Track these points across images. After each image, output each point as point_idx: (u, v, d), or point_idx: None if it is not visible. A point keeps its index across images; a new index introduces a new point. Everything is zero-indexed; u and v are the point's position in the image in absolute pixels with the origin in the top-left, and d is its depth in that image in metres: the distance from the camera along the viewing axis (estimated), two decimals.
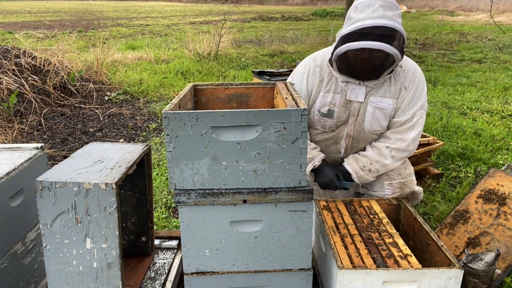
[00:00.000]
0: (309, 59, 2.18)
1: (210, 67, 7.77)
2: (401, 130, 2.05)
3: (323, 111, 2.10)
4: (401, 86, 2.02)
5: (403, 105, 2.03)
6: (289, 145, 1.44)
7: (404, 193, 2.14)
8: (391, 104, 2.03)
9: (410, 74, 2.03)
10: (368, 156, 2.06)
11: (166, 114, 1.40)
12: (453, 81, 6.58)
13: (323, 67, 2.10)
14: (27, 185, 1.69)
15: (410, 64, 2.06)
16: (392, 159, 2.05)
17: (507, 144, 3.83)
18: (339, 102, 2.06)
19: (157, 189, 3.09)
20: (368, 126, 2.07)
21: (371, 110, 2.04)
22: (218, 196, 1.48)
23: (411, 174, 2.16)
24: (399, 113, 2.04)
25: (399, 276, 1.50)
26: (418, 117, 2.04)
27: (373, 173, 2.07)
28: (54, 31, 9.87)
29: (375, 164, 2.05)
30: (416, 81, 2.03)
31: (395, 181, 2.11)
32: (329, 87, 2.08)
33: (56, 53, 5.87)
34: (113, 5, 35.18)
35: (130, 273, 1.82)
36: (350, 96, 2.04)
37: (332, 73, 2.07)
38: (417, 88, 2.03)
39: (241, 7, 25.47)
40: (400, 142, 2.04)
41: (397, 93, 2.03)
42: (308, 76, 2.12)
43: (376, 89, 2.03)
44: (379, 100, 2.03)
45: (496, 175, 2.11)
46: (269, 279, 1.60)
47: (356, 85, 2.02)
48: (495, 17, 12.84)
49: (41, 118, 4.59)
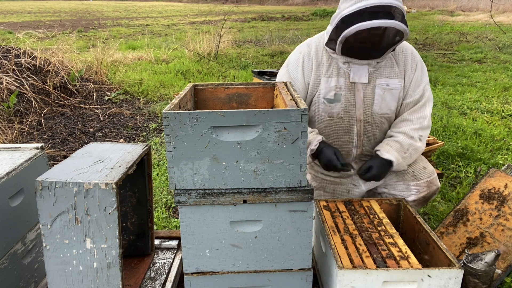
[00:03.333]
0: (302, 45, 2.14)
1: (210, 67, 7.77)
2: (417, 109, 2.06)
3: (329, 96, 2.05)
4: (405, 65, 2.05)
5: (412, 84, 2.05)
6: (289, 145, 1.44)
7: (431, 191, 2.13)
8: (398, 84, 2.03)
9: (409, 53, 2.07)
10: (400, 141, 2.02)
11: (166, 114, 1.40)
12: (453, 81, 6.58)
13: (319, 52, 2.07)
14: (27, 185, 1.69)
15: (407, 45, 2.10)
16: (421, 141, 2.04)
17: (507, 144, 3.83)
18: (344, 84, 2.03)
19: (157, 189, 3.09)
20: (377, 109, 2.05)
21: (381, 93, 2.03)
22: (218, 196, 1.48)
23: (433, 171, 2.16)
24: (411, 92, 2.06)
25: (399, 276, 1.50)
26: (428, 92, 2.08)
27: (408, 160, 2.04)
28: (54, 31, 9.86)
29: (410, 149, 2.02)
30: (417, 59, 2.09)
31: (422, 181, 2.10)
32: (331, 71, 2.04)
33: (56, 53, 5.87)
34: (113, 5, 35.18)
35: (130, 273, 1.82)
36: (354, 78, 2.01)
37: (331, 56, 2.04)
38: (420, 65, 2.08)
39: (241, 7, 25.46)
40: (422, 120, 2.04)
41: (402, 73, 2.05)
42: (304, 62, 2.08)
43: (380, 70, 2.03)
44: (387, 81, 2.03)
45: (496, 175, 2.11)
46: (269, 279, 1.60)
47: (359, 66, 2.00)
48: (495, 17, 12.85)
49: (41, 118, 4.59)
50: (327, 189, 2.28)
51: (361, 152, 2.17)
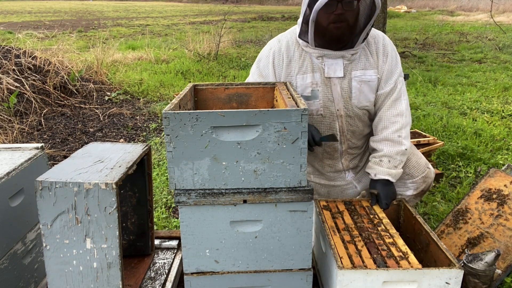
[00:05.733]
0: (273, 41, 2.07)
1: (210, 67, 7.77)
2: (391, 104, 1.99)
3: (306, 94, 1.98)
4: (377, 55, 1.99)
5: (384, 75, 1.99)
6: (289, 145, 1.44)
7: (427, 184, 2.14)
8: (373, 75, 1.98)
9: (381, 43, 2.00)
10: (386, 154, 1.97)
11: (166, 114, 1.40)
12: (453, 81, 6.58)
13: (290, 48, 2.00)
14: (27, 185, 1.69)
15: (378, 34, 2.03)
16: (406, 140, 1.98)
17: (507, 144, 3.83)
18: (321, 80, 1.97)
19: (157, 189, 3.09)
20: (356, 102, 1.99)
21: (357, 85, 1.97)
22: (218, 196, 1.48)
23: (426, 163, 2.14)
24: (382, 84, 1.99)
25: (399, 276, 1.50)
26: (401, 84, 2.01)
27: (401, 165, 1.99)
28: (54, 31, 9.87)
29: (397, 157, 1.96)
30: (389, 49, 2.01)
31: (417, 177, 2.10)
32: (305, 67, 1.97)
33: (56, 53, 5.87)
34: (113, 5, 35.18)
35: (130, 273, 1.82)
36: (329, 72, 1.95)
37: (304, 51, 1.98)
38: (392, 55, 2.00)
39: (241, 7, 25.45)
40: (400, 117, 1.98)
41: (376, 63, 1.98)
42: (274, 58, 2.01)
43: (354, 62, 1.97)
44: (362, 73, 1.97)
45: (496, 175, 2.11)
46: (269, 279, 1.60)
47: (333, 60, 1.94)
48: (495, 17, 12.84)
49: (41, 118, 4.59)
50: (321, 192, 2.26)
51: (348, 146, 2.12)
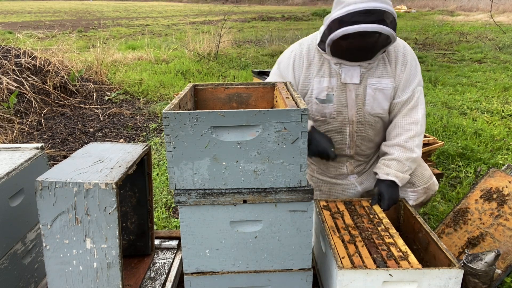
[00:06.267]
0: (295, 45, 2.14)
1: (210, 67, 7.77)
2: (407, 112, 2.02)
3: (321, 97, 2.04)
4: (396, 65, 2.01)
5: (402, 84, 2.01)
6: (289, 145, 1.44)
7: (428, 197, 2.13)
8: (389, 84, 2.01)
9: (401, 52, 2.02)
10: (397, 158, 1.98)
11: (166, 114, 1.40)
12: (453, 81, 6.58)
13: (310, 52, 2.06)
14: (27, 185, 1.69)
15: (399, 42, 2.05)
16: (417, 148, 2.00)
17: (507, 144, 3.83)
18: (336, 85, 2.02)
19: (157, 189, 3.09)
20: (369, 109, 2.03)
21: (372, 93, 2.01)
22: (218, 196, 1.48)
23: (431, 175, 2.14)
24: (399, 93, 2.02)
25: (399, 276, 1.50)
26: (419, 93, 2.02)
27: (409, 172, 2.01)
28: (54, 31, 9.86)
29: (407, 163, 1.98)
30: (409, 58, 2.02)
31: (419, 188, 2.09)
32: (323, 71, 2.03)
33: (56, 53, 5.87)
34: (113, 5, 35.17)
35: (130, 273, 1.82)
36: (345, 78, 2.00)
37: (324, 57, 2.03)
38: (411, 65, 2.02)
39: (241, 7, 25.45)
40: (414, 125, 2.00)
41: (394, 72, 2.01)
42: (295, 61, 2.08)
43: (371, 70, 2.00)
44: (378, 81, 2.00)
45: (496, 175, 2.11)
46: (269, 279, 1.60)
47: (350, 67, 1.99)
48: (495, 17, 12.85)
49: (41, 118, 4.59)
50: (323, 189, 2.28)
51: (355, 152, 2.16)
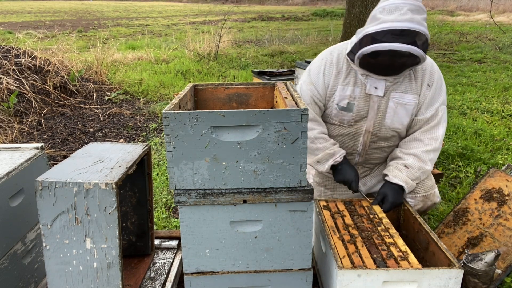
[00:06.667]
0: (325, 52, 2.18)
1: (210, 67, 7.77)
2: (429, 129, 2.04)
3: (342, 104, 2.07)
4: (422, 82, 2.03)
5: (426, 101, 2.03)
6: (289, 145, 1.44)
7: (425, 206, 2.14)
8: (412, 100, 2.02)
9: (428, 70, 2.04)
10: (410, 165, 2.01)
11: (166, 114, 1.40)
12: (453, 81, 6.58)
13: (340, 60, 2.09)
14: (27, 185, 1.69)
15: (427, 60, 2.06)
16: (431, 163, 2.03)
17: (507, 144, 3.83)
18: (359, 95, 2.04)
19: (157, 189, 3.09)
20: (389, 122, 2.05)
21: (393, 106, 2.03)
22: (218, 196, 1.48)
23: (433, 186, 2.14)
24: (423, 110, 2.04)
25: (399, 276, 1.50)
26: (442, 112, 2.05)
27: (416, 181, 2.03)
28: (54, 31, 9.87)
29: (417, 172, 2.01)
30: (436, 77, 2.04)
31: (418, 195, 2.10)
32: (348, 80, 2.06)
33: (56, 53, 5.87)
34: (113, 5, 35.17)
35: (130, 273, 1.82)
36: (370, 90, 2.02)
37: (351, 66, 2.06)
38: (437, 84, 2.04)
39: (241, 7, 25.45)
40: (433, 141, 2.03)
41: (419, 89, 2.03)
42: (325, 68, 2.10)
43: (396, 84, 2.02)
44: (401, 96, 2.02)
45: (496, 175, 2.11)
46: (269, 279, 1.60)
47: (376, 79, 2.01)
48: (495, 17, 12.85)
49: (41, 118, 4.59)
50: (328, 185, 2.31)
51: (364, 160, 2.20)
